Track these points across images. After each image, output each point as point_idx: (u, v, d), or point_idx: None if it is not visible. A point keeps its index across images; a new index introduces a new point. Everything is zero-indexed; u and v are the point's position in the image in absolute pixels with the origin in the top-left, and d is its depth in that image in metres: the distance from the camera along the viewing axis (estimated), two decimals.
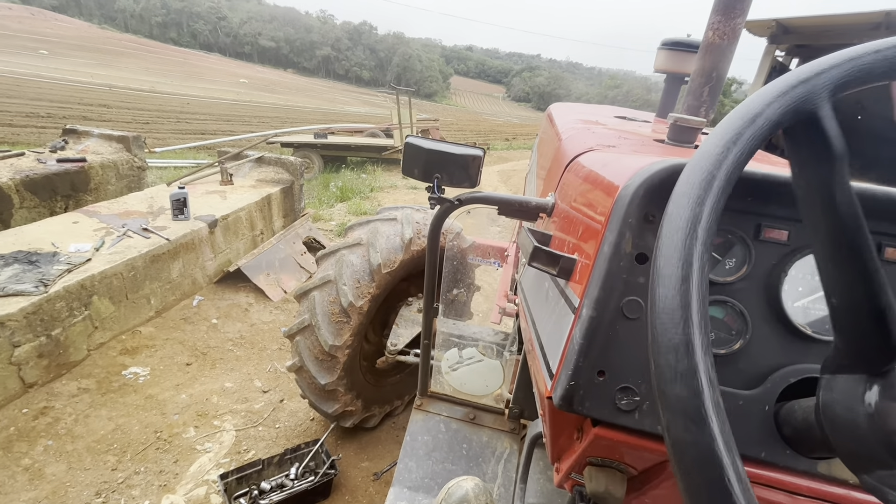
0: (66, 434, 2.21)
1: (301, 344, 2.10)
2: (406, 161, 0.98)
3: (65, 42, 47.05)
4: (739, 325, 0.52)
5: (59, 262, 2.59)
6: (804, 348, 0.51)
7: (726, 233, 0.53)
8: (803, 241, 0.52)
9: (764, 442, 0.49)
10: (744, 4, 1.25)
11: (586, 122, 1.42)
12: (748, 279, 0.53)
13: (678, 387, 0.28)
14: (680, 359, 0.28)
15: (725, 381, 0.51)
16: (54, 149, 4.61)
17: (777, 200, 0.52)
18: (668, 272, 0.30)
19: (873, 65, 0.33)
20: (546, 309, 0.71)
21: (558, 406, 0.53)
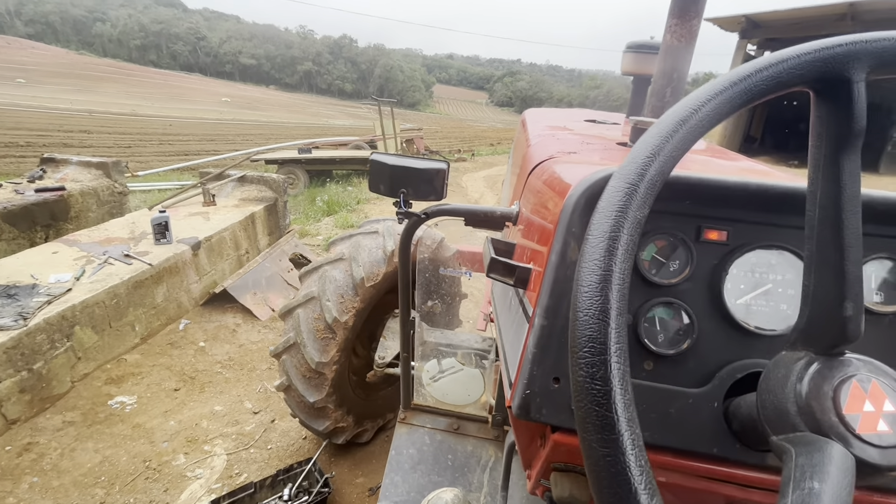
0: (51, 469, 2.17)
1: (288, 363, 2.09)
2: (372, 178, 0.99)
3: (42, 70, 46.62)
4: (686, 325, 0.53)
5: (38, 293, 2.55)
6: (748, 344, 0.53)
7: (669, 235, 0.55)
8: (742, 240, 0.54)
9: (715, 438, 0.50)
10: (698, 6, 1.28)
11: (554, 128, 1.44)
12: (692, 280, 0.54)
13: (595, 381, 0.29)
14: (596, 357, 0.29)
15: (676, 381, 0.53)
16: (32, 178, 4.55)
17: (715, 202, 0.54)
18: (588, 281, 0.31)
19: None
20: (508, 318, 0.72)
21: (517, 415, 0.54)
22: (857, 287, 0.36)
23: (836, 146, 0.36)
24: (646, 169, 0.33)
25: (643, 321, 0.54)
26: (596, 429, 0.28)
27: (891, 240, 0.52)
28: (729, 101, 0.35)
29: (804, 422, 0.34)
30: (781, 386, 0.37)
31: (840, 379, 0.35)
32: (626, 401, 0.28)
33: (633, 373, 0.53)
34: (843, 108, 0.35)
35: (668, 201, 0.54)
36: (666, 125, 0.34)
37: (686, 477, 0.52)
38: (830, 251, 0.37)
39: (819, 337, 0.37)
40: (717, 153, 1.25)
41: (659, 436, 0.51)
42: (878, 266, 0.52)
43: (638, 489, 0.26)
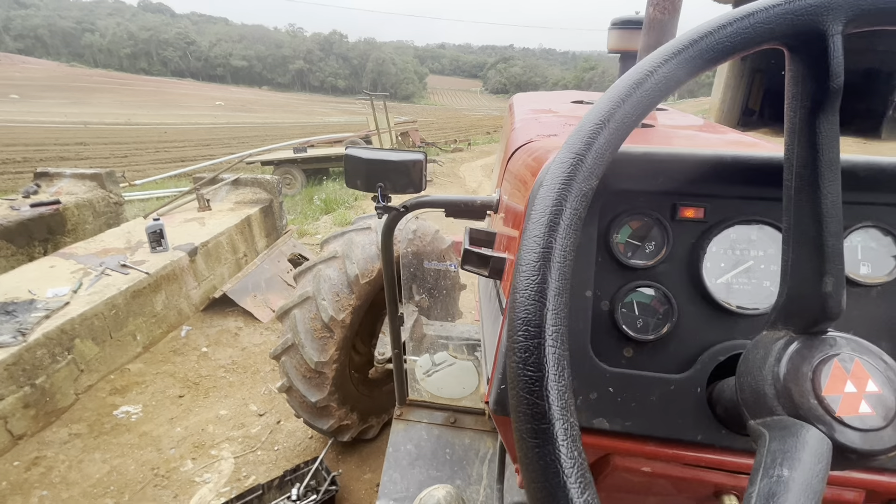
0: (60, 482, 2.18)
1: (287, 364, 2.08)
2: (348, 173, 0.96)
3: (35, 84, 46.60)
4: (666, 308, 0.51)
5: (36, 308, 2.55)
6: (730, 324, 0.50)
7: (643, 216, 0.52)
8: (720, 216, 0.51)
9: (699, 424, 0.48)
10: None
11: (537, 111, 1.41)
12: (669, 261, 0.51)
13: (527, 367, 0.26)
14: (530, 341, 0.27)
15: (657, 367, 0.50)
16: (27, 194, 4.55)
17: (690, 178, 0.51)
18: (526, 260, 0.29)
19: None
20: (488, 310, 0.70)
21: (493, 411, 0.51)
22: (837, 260, 0.34)
23: (811, 107, 0.33)
24: (594, 138, 0.30)
25: (620, 307, 0.51)
26: (527, 418, 0.25)
27: (876, 207, 0.49)
28: (689, 62, 0.32)
29: (782, 405, 0.32)
30: (759, 367, 0.35)
31: (820, 359, 0.32)
32: (561, 388, 0.26)
33: (611, 361, 0.51)
34: (818, 65, 0.32)
35: (640, 179, 0.51)
36: (618, 91, 0.31)
37: (671, 466, 0.50)
38: (808, 223, 0.34)
39: (799, 315, 0.35)
40: (706, 128, 1.22)
41: (641, 425, 0.49)
42: (863, 235, 0.49)
43: (567, 482, 0.24)
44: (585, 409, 0.50)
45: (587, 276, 0.51)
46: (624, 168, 0.50)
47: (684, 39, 0.32)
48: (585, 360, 0.50)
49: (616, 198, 0.52)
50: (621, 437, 0.50)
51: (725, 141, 0.93)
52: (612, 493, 0.58)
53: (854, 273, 0.49)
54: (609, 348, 0.51)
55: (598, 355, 0.50)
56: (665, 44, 0.32)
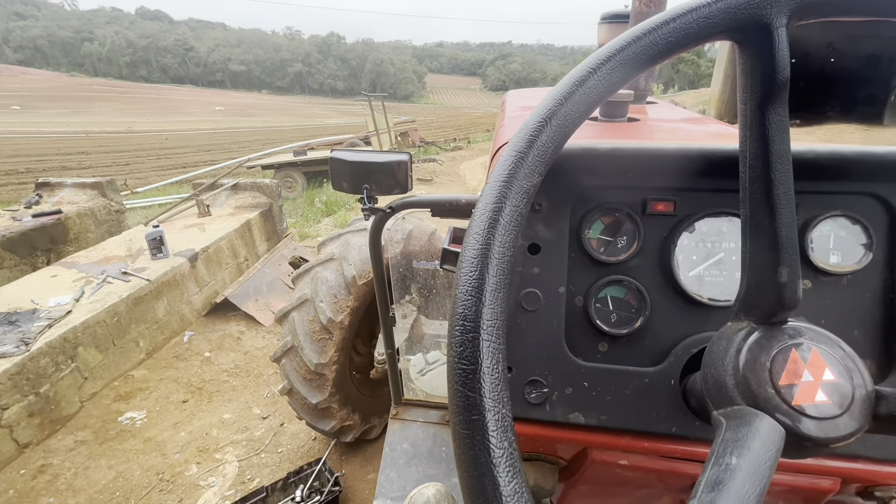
0: (66, 489, 2.20)
1: (288, 366, 2.09)
2: (334, 176, 0.97)
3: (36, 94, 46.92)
4: (639, 302, 0.51)
5: (38, 318, 2.58)
6: (703, 317, 0.50)
7: (614, 211, 0.52)
8: (690, 209, 0.51)
9: (673, 416, 0.48)
10: None
11: (526, 108, 1.41)
12: (641, 255, 0.52)
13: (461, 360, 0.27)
14: (466, 336, 0.27)
15: (631, 361, 0.51)
16: (29, 204, 4.59)
17: (658, 172, 0.51)
18: (466, 257, 0.29)
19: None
20: None
21: None
22: (791, 251, 0.34)
23: (760, 99, 0.33)
24: (536, 135, 0.30)
25: (594, 302, 0.51)
26: (460, 409, 0.26)
27: (844, 196, 0.49)
28: (633, 59, 0.32)
29: (740, 395, 0.32)
30: (721, 359, 0.35)
31: (778, 349, 0.33)
32: (494, 381, 0.26)
33: (586, 356, 0.51)
34: (764, 58, 0.32)
35: (610, 175, 0.51)
36: (560, 89, 0.32)
37: (648, 458, 0.51)
38: (762, 214, 0.34)
39: (758, 305, 0.35)
40: (692, 122, 1.21)
41: (617, 418, 0.49)
42: (832, 225, 0.49)
43: (496, 471, 0.24)
44: (561, 403, 0.50)
45: (560, 273, 0.51)
46: (594, 164, 0.50)
47: (627, 37, 0.32)
48: (560, 355, 0.50)
49: (587, 194, 0.52)
50: (598, 431, 0.50)
51: (707, 133, 0.93)
52: (594, 486, 0.59)
53: (824, 262, 0.49)
54: (584, 343, 0.52)
55: (573, 350, 0.51)
56: (611, 41, 0.32)
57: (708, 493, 0.26)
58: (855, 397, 0.31)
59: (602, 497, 0.62)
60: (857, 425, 0.30)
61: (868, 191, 0.48)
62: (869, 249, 0.49)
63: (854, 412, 0.30)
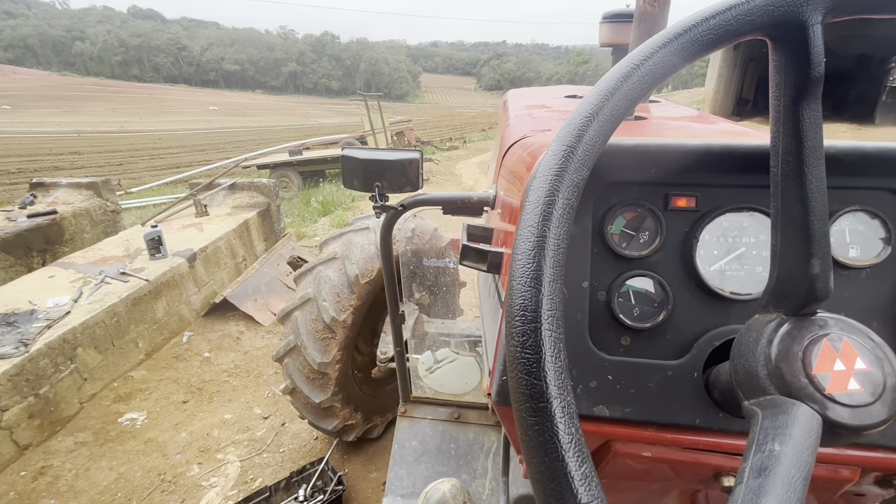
0: (67, 490, 2.19)
1: (290, 366, 2.09)
2: (345, 174, 0.97)
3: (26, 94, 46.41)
4: (661, 296, 0.52)
5: (37, 319, 2.56)
6: (725, 310, 0.51)
7: (636, 206, 0.53)
8: (711, 205, 0.52)
9: (697, 408, 0.49)
10: None
11: (531, 106, 1.42)
12: (663, 250, 0.53)
13: (525, 350, 0.28)
14: (527, 325, 0.28)
15: (654, 354, 0.51)
16: (23, 205, 4.54)
17: (680, 168, 0.52)
18: (522, 249, 0.30)
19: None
20: (487, 305, 0.71)
21: (495, 402, 0.53)
22: (823, 243, 0.35)
23: (794, 95, 0.34)
24: (584, 130, 0.31)
25: (617, 296, 0.52)
26: (525, 398, 0.27)
27: (863, 191, 0.50)
28: (675, 54, 0.33)
29: (774, 384, 0.33)
30: (752, 349, 0.36)
31: (810, 339, 0.33)
32: (558, 369, 0.27)
33: (609, 349, 0.52)
34: (799, 55, 0.33)
35: (633, 171, 0.52)
36: (606, 84, 0.32)
37: (672, 450, 0.51)
38: (795, 207, 0.35)
39: (789, 297, 0.36)
40: (698, 119, 1.23)
41: (640, 411, 0.50)
42: (851, 219, 0.51)
43: (566, 456, 0.25)
44: (585, 397, 0.51)
45: (583, 267, 0.52)
46: (617, 160, 0.51)
47: (670, 32, 0.33)
48: (584, 349, 0.51)
49: (610, 189, 0.53)
50: (621, 424, 0.51)
51: (716, 131, 0.94)
52: (614, 479, 0.59)
53: (843, 256, 0.50)
54: (607, 337, 0.53)
55: (597, 344, 0.51)
56: (652, 37, 0.33)
57: (755, 479, 0.26)
58: (887, 385, 0.32)
59: (623, 489, 0.63)
60: (889, 412, 0.31)
61: (887, 186, 0.49)
62: (887, 243, 0.50)
63: (886, 400, 0.31)
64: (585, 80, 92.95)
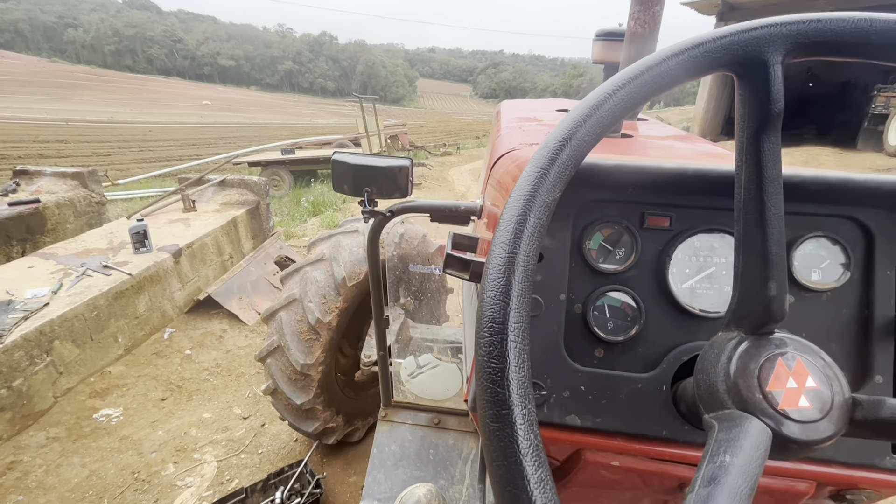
0: (37, 487, 2.14)
1: (273, 366, 2.08)
2: (335, 178, 0.98)
3: (13, 79, 45.44)
4: (634, 311, 0.54)
5: (14, 310, 2.50)
6: (694, 327, 0.53)
7: (614, 223, 0.55)
8: (684, 225, 0.54)
9: (664, 420, 0.51)
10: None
11: (522, 119, 1.44)
12: (638, 266, 0.55)
13: (490, 359, 0.29)
14: (494, 336, 0.29)
15: (626, 367, 0.53)
16: (5, 192, 4.44)
17: (656, 189, 0.54)
18: (493, 264, 0.32)
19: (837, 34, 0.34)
20: (469, 313, 0.72)
21: (470, 408, 0.54)
22: (780, 267, 0.37)
23: (755, 128, 0.36)
24: (557, 154, 0.33)
25: (592, 309, 0.54)
26: (489, 404, 0.28)
27: (826, 218, 0.53)
28: (646, 85, 0.35)
29: (731, 399, 0.35)
30: (713, 365, 0.38)
31: (766, 357, 0.35)
32: (520, 378, 0.29)
33: (583, 361, 0.54)
34: (761, 91, 0.35)
35: (611, 190, 0.54)
36: (580, 111, 0.34)
37: (639, 460, 0.53)
38: (755, 233, 0.37)
39: (748, 317, 0.38)
40: (682, 139, 1.26)
41: (611, 421, 0.52)
42: (814, 244, 0.53)
43: (524, 461, 0.26)
44: (558, 406, 0.52)
45: (561, 280, 0.54)
46: (596, 179, 0.53)
47: (641, 66, 0.35)
48: (559, 359, 0.53)
49: (589, 206, 0.55)
50: (592, 433, 0.52)
51: (697, 152, 0.98)
52: (585, 487, 0.61)
53: (806, 279, 0.53)
54: (581, 349, 0.54)
55: (571, 355, 0.53)
56: (625, 68, 0.35)
57: (705, 487, 0.28)
58: (834, 403, 0.34)
59: (592, 498, 0.65)
60: (835, 429, 0.33)
61: (848, 214, 0.52)
62: (847, 269, 0.53)
63: (833, 417, 0.33)
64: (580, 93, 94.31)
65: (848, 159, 11.34)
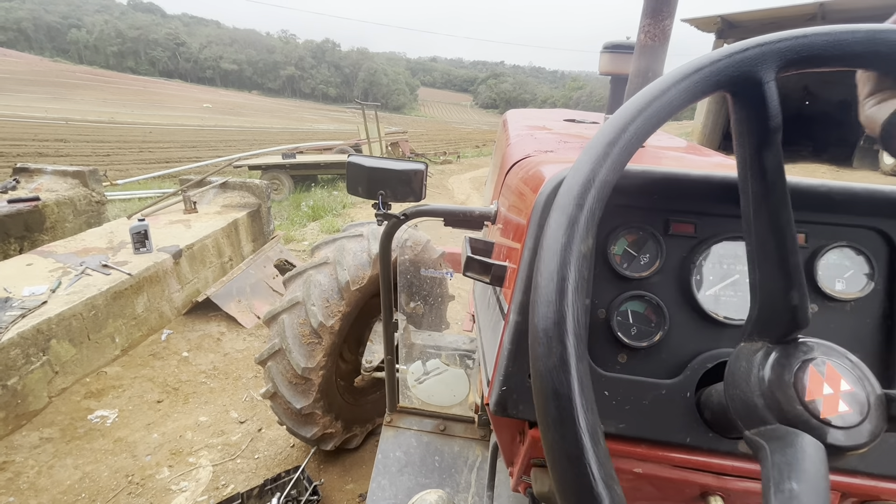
0: (28, 488, 2.10)
1: (273, 369, 2.06)
2: (350, 180, 0.98)
3: (15, 77, 45.46)
4: (658, 317, 0.54)
5: (11, 307, 2.47)
6: (718, 334, 0.53)
7: (638, 229, 0.55)
8: (709, 232, 0.55)
9: (688, 427, 0.51)
10: (671, 7, 1.30)
11: (532, 127, 1.45)
12: (662, 272, 0.55)
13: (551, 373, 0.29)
14: (553, 350, 0.29)
15: (649, 373, 0.53)
16: (5, 189, 4.42)
17: (681, 196, 0.55)
18: (547, 273, 0.32)
19: (822, 47, 0.35)
20: (486, 316, 0.72)
21: (494, 412, 0.54)
22: (799, 276, 0.37)
23: (757, 144, 0.37)
24: (583, 200, 0.34)
25: (616, 315, 0.54)
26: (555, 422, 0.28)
27: (850, 228, 0.53)
28: (655, 115, 0.36)
29: (772, 413, 0.35)
30: (745, 379, 0.38)
31: (797, 366, 0.35)
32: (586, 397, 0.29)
33: (606, 366, 0.54)
34: (759, 108, 0.37)
35: (636, 196, 0.54)
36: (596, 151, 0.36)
37: (661, 467, 0.53)
38: (770, 243, 0.38)
39: (772, 327, 0.38)
40: (691, 150, 1.28)
41: (634, 427, 0.51)
42: (838, 254, 0.54)
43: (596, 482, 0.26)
44: None
45: None
46: (623, 185, 0.54)
47: (648, 96, 0.36)
48: None
49: (614, 211, 0.55)
50: (615, 439, 0.52)
51: (712, 163, 0.99)
52: None
53: (830, 288, 0.53)
54: (605, 354, 0.54)
55: (594, 360, 0.53)
56: (630, 99, 0.36)
57: None
58: (871, 403, 0.34)
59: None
60: (877, 429, 0.33)
61: (872, 225, 0.53)
62: (871, 279, 0.53)
63: (873, 417, 0.33)
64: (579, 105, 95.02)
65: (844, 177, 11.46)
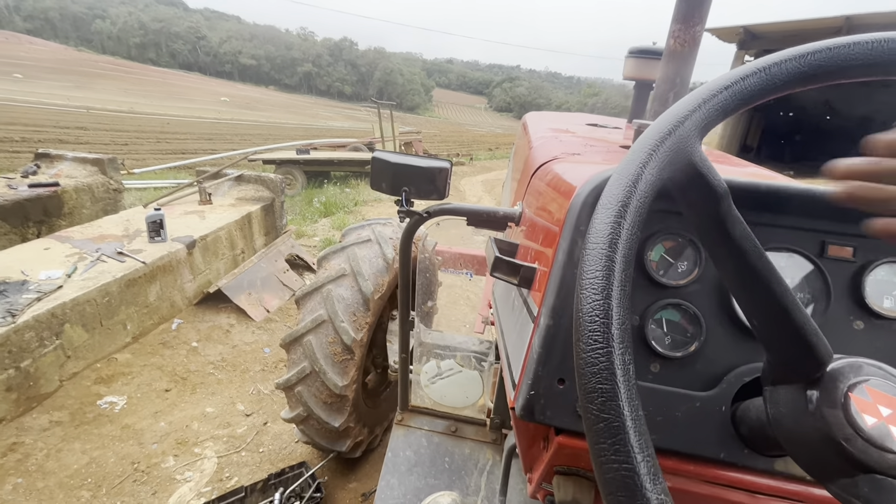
0: (36, 470, 2.12)
1: (305, 393, 1.92)
2: (374, 175, 0.97)
3: (40, 65, 46.42)
4: (694, 327, 0.52)
5: (28, 290, 2.51)
6: (755, 347, 0.51)
7: (677, 236, 0.53)
8: None
9: (723, 442, 0.48)
10: (702, 13, 1.28)
11: (556, 130, 1.43)
12: (700, 281, 0.53)
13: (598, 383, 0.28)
14: (599, 359, 0.28)
15: (683, 384, 0.51)
16: (26, 174, 4.50)
17: None
18: (591, 277, 0.30)
19: (728, 100, 0.36)
20: (511, 319, 0.70)
21: (520, 416, 0.52)
22: (801, 316, 0.35)
23: (715, 219, 0.37)
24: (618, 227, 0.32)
25: (650, 323, 0.52)
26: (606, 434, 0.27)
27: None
28: None
29: (851, 465, 0.33)
30: (803, 433, 0.35)
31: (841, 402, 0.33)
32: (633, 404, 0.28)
33: (639, 375, 0.51)
34: (703, 184, 0.36)
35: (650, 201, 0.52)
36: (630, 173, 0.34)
37: (693, 482, 0.50)
38: (773, 310, 0.36)
39: (800, 371, 0.37)
40: (723, 159, 1.25)
41: (665, 439, 0.49)
42: (887, 270, 0.51)
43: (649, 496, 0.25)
44: None
45: None
46: None
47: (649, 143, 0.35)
48: None
49: (651, 217, 0.53)
50: None
51: (747, 172, 0.96)
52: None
53: (878, 305, 0.50)
54: (637, 362, 0.52)
55: None
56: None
57: None
58: None
59: None
60: None
61: None
62: None
63: None
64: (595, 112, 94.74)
65: None
